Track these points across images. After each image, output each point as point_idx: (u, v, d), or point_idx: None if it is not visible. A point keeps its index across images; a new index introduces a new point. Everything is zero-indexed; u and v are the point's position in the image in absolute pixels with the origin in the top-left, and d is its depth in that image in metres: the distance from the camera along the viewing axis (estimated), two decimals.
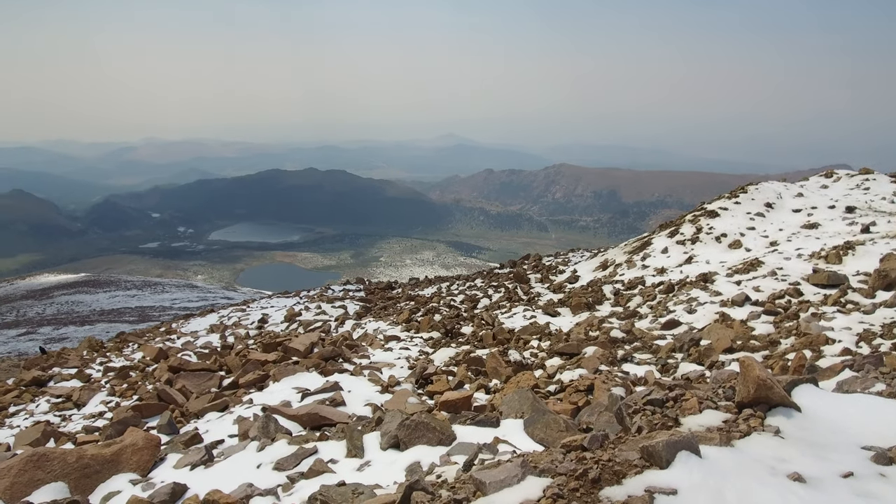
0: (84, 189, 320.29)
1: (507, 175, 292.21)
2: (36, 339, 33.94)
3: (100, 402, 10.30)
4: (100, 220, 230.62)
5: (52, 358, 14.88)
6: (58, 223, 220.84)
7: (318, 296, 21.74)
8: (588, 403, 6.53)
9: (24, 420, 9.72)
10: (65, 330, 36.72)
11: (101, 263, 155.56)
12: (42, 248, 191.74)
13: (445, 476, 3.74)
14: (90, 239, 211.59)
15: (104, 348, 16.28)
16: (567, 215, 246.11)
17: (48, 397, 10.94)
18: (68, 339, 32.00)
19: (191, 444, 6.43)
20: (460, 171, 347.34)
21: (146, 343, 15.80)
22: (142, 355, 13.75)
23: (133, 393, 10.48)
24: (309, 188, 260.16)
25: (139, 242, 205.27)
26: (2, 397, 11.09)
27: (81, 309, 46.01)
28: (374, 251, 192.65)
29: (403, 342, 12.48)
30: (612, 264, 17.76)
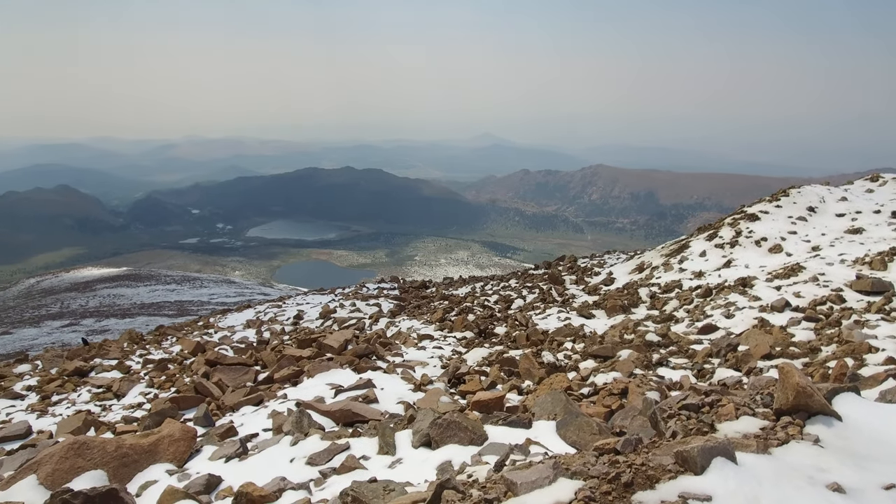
0: (127, 185, 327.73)
1: (543, 175, 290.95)
2: (79, 331, 34.81)
3: (139, 394, 10.50)
4: (142, 216, 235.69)
5: (93, 349, 15.20)
6: (101, 218, 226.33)
7: (352, 293, 21.89)
8: (622, 407, 6.46)
9: (66, 409, 9.96)
10: (106, 322, 37.58)
11: (143, 258, 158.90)
12: (86, 242, 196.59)
13: (476, 476, 3.74)
14: (132, 234, 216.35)
15: (144, 341, 16.59)
16: (603, 217, 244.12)
17: (89, 387, 11.19)
18: (109, 332, 32.75)
19: (226, 436, 6.52)
20: (496, 171, 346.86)
21: (184, 336, 16.06)
22: (180, 348, 13.98)
23: (171, 385, 10.66)
24: (345, 187, 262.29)
25: (179, 238, 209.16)
26: (45, 386, 11.37)
27: (123, 302, 47.04)
28: (409, 250, 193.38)
29: (437, 341, 12.50)
30: (649, 267, 17.55)
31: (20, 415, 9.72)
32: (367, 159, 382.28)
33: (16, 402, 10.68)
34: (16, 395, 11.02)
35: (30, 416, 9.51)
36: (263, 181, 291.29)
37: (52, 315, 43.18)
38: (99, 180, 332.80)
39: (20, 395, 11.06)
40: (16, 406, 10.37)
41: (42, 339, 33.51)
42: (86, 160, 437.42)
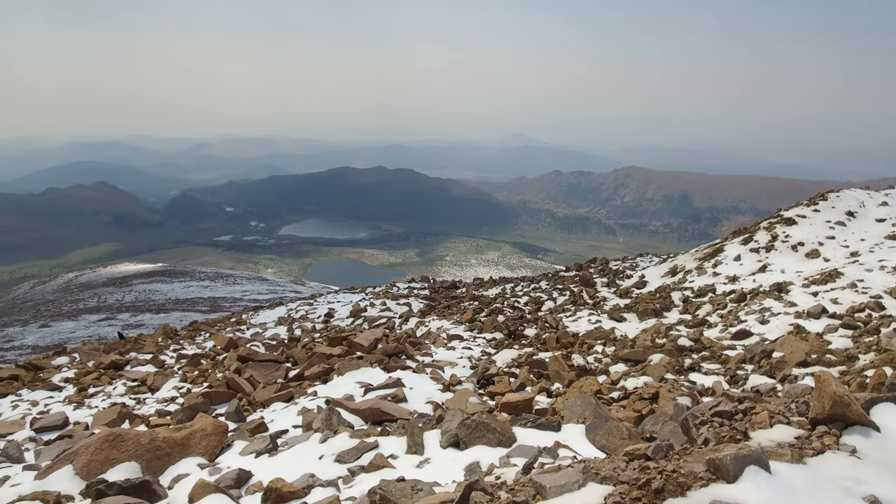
0: (163, 183, 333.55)
1: (575, 177, 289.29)
2: (115, 325, 35.52)
3: (172, 388, 10.67)
4: (177, 213, 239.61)
5: (129, 343, 15.50)
6: (138, 215, 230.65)
7: (383, 293, 21.99)
8: (652, 412, 6.39)
9: (101, 401, 10.16)
10: (142, 317, 38.28)
11: (177, 254, 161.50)
12: (123, 239, 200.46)
13: (505, 478, 3.73)
14: (167, 230, 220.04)
15: (178, 336, 16.85)
16: (636, 219, 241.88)
17: (125, 380, 11.40)
18: (144, 326, 33.36)
19: (256, 432, 6.59)
20: (527, 171, 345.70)
21: (217, 332, 16.27)
22: (213, 344, 14.18)
23: (203, 380, 10.82)
24: (377, 186, 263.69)
25: (213, 235, 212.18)
26: (82, 378, 11.61)
27: (158, 297, 47.85)
28: (440, 250, 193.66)
29: (466, 342, 12.49)
30: (682, 270, 17.34)
31: (58, 406, 9.95)
32: (398, 159, 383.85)
33: (54, 393, 10.93)
34: (54, 386, 11.28)
35: (67, 408, 9.72)
36: (296, 180, 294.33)
37: (90, 309, 44.12)
38: (136, 178, 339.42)
39: (58, 386, 11.32)
40: (54, 397, 10.62)
41: (80, 333, 34.27)
42: (124, 158, 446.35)
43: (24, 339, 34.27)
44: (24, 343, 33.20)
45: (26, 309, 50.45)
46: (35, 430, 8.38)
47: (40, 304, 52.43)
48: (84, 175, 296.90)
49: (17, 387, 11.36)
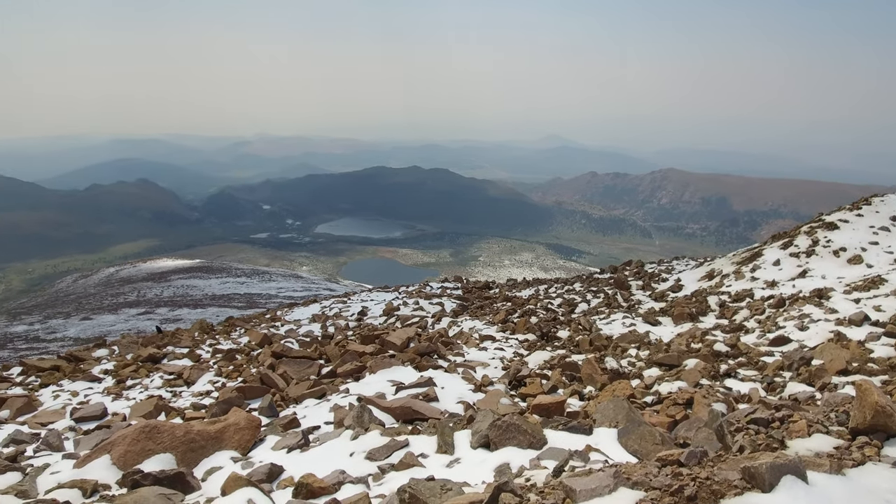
0: (202, 180, 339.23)
1: (611, 178, 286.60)
2: (153, 319, 36.20)
3: (207, 382, 10.83)
4: (215, 210, 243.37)
5: (166, 337, 15.76)
6: (177, 211, 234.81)
7: (416, 292, 22.04)
8: (686, 418, 6.30)
9: (139, 393, 10.36)
10: (179, 312, 38.94)
11: (215, 251, 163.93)
12: (162, 235, 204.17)
13: (535, 480, 3.71)
14: (206, 227, 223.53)
15: (214, 331, 17.08)
16: (672, 222, 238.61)
17: (162, 373, 11.61)
18: (182, 321, 33.94)
19: (289, 427, 6.66)
20: (563, 172, 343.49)
21: (252, 328, 16.46)
22: (248, 340, 14.35)
23: (238, 375, 10.96)
24: (412, 186, 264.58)
25: (250, 232, 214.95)
26: (121, 371, 11.85)
27: (195, 293, 48.63)
28: (474, 250, 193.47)
29: (498, 342, 12.46)
30: (719, 275, 17.06)
31: (97, 397, 10.17)
32: (434, 159, 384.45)
33: (93, 384, 11.17)
34: (93, 377, 11.52)
35: (105, 399, 9.93)
36: (332, 179, 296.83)
37: (129, 303, 45.04)
38: (176, 175, 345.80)
39: (97, 377, 11.56)
40: (93, 388, 10.85)
41: (119, 326, 35.01)
42: (165, 156, 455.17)
43: (67, 331, 35.14)
44: (67, 335, 34.05)
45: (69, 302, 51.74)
46: (75, 419, 8.58)
47: (82, 297, 53.73)
48: (126, 172, 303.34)
49: (59, 377, 11.64)
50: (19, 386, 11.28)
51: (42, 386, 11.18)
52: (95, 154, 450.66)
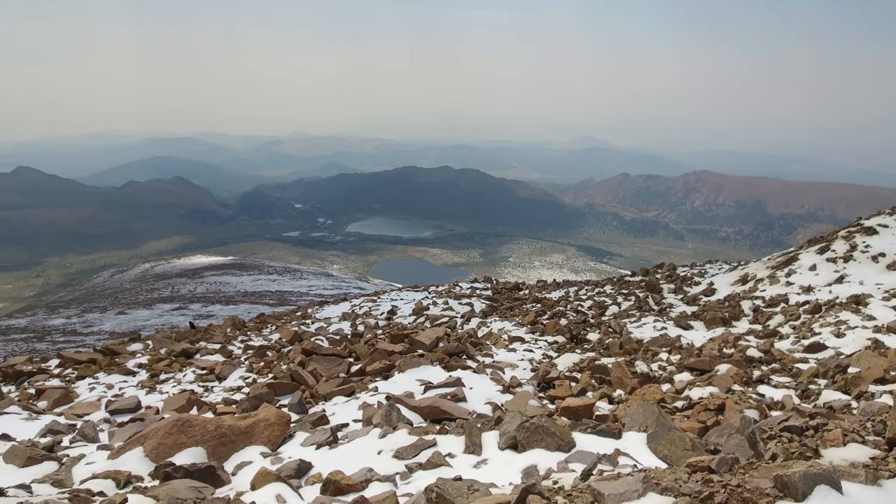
0: (236, 178, 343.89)
1: (643, 180, 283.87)
2: (187, 314, 36.78)
3: (238, 377, 10.97)
4: (248, 208, 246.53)
5: (199, 333, 15.99)
6: (211, 209, 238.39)
7: (445, 292, 22.06)
8: (717, 424, 6.22)
9: (172, 387, 10.53)
10: (212, 308, 39.50)
11: (247, 248, 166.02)
12: (196, 232, 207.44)
13: (562, 483, 3.69)
14: (239, 225, 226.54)
15: (245, 327, 17.28)
16: (706, 225, 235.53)
17: (194, 368, 11.78)
18: (214, 317, 34.42)
19: (318, 424, 6.71)
20: (595, 174, 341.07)
21: (283, 325, 16.62)
22: (278, 337, 14.49)
23: (269, 371, 11.08)
24: (443, 185, 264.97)
25: (282, 230, 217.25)
26: (155, 365, 12.06)
27: (227, 289, 49.28)
28: (504, 251, 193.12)
29: (527, 344, 12.42)
30: (753, 279, 16.79)
31: (131, 390, 10.36)
32: (465, 159, 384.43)
33: (128, 377, 11.39)
34: (128, 371, 11.75)
35: (139, 392, 10.11)
36: (364, 178, 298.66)
37: (164, 298, 45.81)
38: (211, 173, 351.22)
39: (132, 371, 11.79)
40: (128, 381, 11.07)
41: (153, 321, 35.63)
42: (199, 154, 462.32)
43: (103, 325, 35.87)
44: (102, 329, 34.76)
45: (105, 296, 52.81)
46: (109, 411, 8.76)
47: (118, 292, 54.78)
48: (162, 170, 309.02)
49: (95, 370, 11.88)
50: (57, 378, 11.54)
51: (79, 378, 11.42)
52: (132, 152, 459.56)
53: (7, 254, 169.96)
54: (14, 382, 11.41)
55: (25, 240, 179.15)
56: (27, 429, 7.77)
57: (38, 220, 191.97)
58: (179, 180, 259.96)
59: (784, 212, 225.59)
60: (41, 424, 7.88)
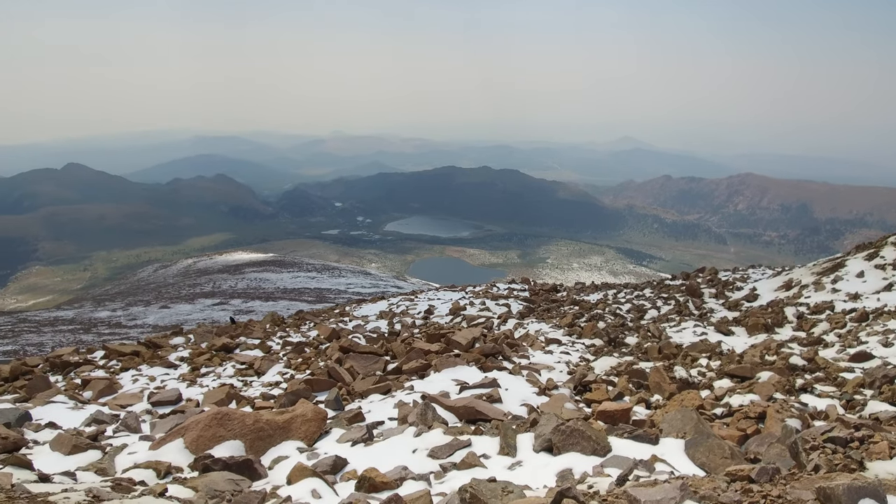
0: (278, 177, 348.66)
1: (685, 182, 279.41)
2: (227, 310, 37.40)
3: (277, 373, 11.11)
4: (289, 206, 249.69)
5: (239, 328, 16.23)
6: (253, 207, 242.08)
7: (483, 292, 22.02)
8: (758, 432, 6.09)
9: (212, 381, 10.72)
10: (252, 303, 40.11)
11: (287, 246, 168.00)
12: (237, 229, 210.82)
13: (597, 487, 3.66)
14: (279, 223, 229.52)
15: (284, 324, 17.49)
16: (749, 228, 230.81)
17: (234, 363, 11.97)
18: (254, 312, 34.94)
19: (353, 421, 6.77)
20: (635, 175, 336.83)
21: (321, 323, 16.78)
22: (316, 333, 14.64)
23: (306, 367, 11.20)
24: (482, 186, 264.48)
25: (322, 228, 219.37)
26: (196, 358, 12.29)
27: (267, 286, 49.98)
28: (542, 252, 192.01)
29: (564, 346, 12.34)
30: (798, 285, 16.41)
31: (173, 382, 10.58)
32: (504, 159, 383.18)
33: (170, 370, 11.63)
34: (170, 364, 11.99)
35: (181, 385, 10.32)
36: (403, 178, 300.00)
37: (205, 294, 46.67)
38: (253, 171, 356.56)
39: (174, 364, 12.02)
40: (169, 374, 11.30)
41: (195, 315, 36.31)
42: (243, 152, 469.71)
43: (146, 319, 36.69)
44: (146, 322, 35.55)
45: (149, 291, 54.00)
46: (151, 403, 8.95)
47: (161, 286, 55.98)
48: (206, 167, 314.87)
49: (138, 362, 12.16)
50: (102, 369, 11.84)
51: (122, 370, 11.70)
52: (178, 150, 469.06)
53: (57, 247, 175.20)
54: (61, 372, 11.75)
55: (75, 234, 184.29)
56: (73, 418, 7.99)
57: (86, 216, 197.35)
58: (223, 178, 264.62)
59: (831, 216, 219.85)
60: (86, 414, 8.10)
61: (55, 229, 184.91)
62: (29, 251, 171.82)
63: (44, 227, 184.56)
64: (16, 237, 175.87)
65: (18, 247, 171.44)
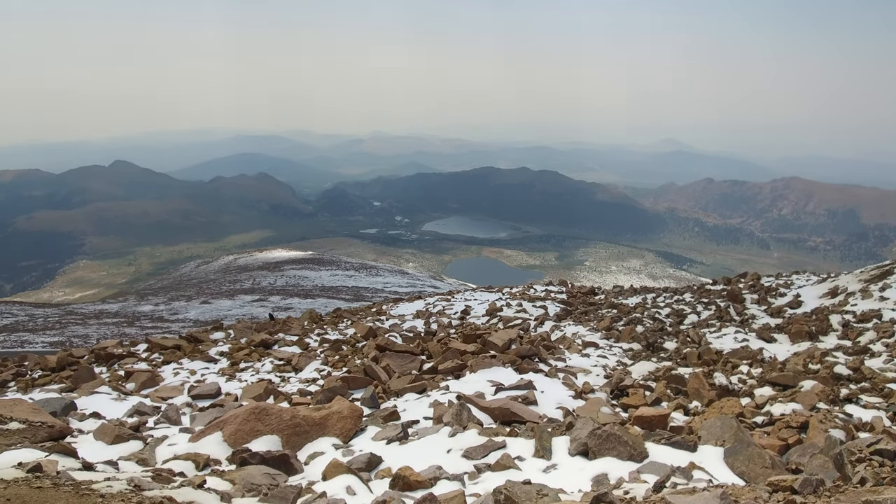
0: (317, 176, 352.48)
1: (728, 186, 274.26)
2: (266, 306, 37.90)
3: (314, 370, 11.21)
4: (328, 205, 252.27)
5: (278, 324, 16.42)
6: (293, 205, 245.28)
7: (520, 293, 21.93)
8: (799, 442, 5.95)
9: (250, 376, 10.87)
10: (290, 300, 40.56)
11: (326, 244, 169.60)
12: (277, 226, 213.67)
13: (634, 493, 3.61)
14: (319, 221, 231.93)
15: (322, 321, 17.63)
16: (793, 233, 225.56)
17: (272, 359, 12.12)
18: (292, 309, 35.33)
19: (389, 420, 6.80)
20: (677, 178, 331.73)
21: (358, 321, 16.88)
22: (353, 331, 14.72)
23: (343, 365, 11.27)
24: (520, 187, 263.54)
25: (360, 227, 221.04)
26: (235, 353, 12.47)
27: (306, 283, 50.51)
28: (580, 254, 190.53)
29: (601, 350, 12.22)
30: (844, 292, 15.99)
31: (212, 376, 10.76)
32: (543, 161, 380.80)
33: (210, 364, 11.83)
34: (210, 358, 12.20)
35: (220, 379, 10.49)
36: (441, 178, 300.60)
37: (245, 290, 47.38)
38: (293, 170, 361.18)
39: (214, 358, 12.23)
40: (209, 368, 11.50)
41: (235, 311, 36.88)
42: (284, 151, 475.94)
43: (188, 313, 37.38)
44: (187, 316, 36.21)
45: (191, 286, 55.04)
46: (191, 396, 9.12)
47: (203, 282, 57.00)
48: (247, 166, 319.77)
49: (179, 356, 12.39)
50: (144, 361, 12.11)
51: (164, 363, 11.95)
52: (221, 148, 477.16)
53: (104, 242, 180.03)
54: (105, 364, 12.05)
55: (120, 229, 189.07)
56: (116, 408, 8.19)
57: (131, 212, 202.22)
58: (263, 176, 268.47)
59: (880, 222, 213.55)
60: (129, 405, 8.29)
61: (102, 225, 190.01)
62: (76, 246, 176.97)
63: (91, 223, 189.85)
64: (64, 232, 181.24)
65: (67, 241, 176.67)
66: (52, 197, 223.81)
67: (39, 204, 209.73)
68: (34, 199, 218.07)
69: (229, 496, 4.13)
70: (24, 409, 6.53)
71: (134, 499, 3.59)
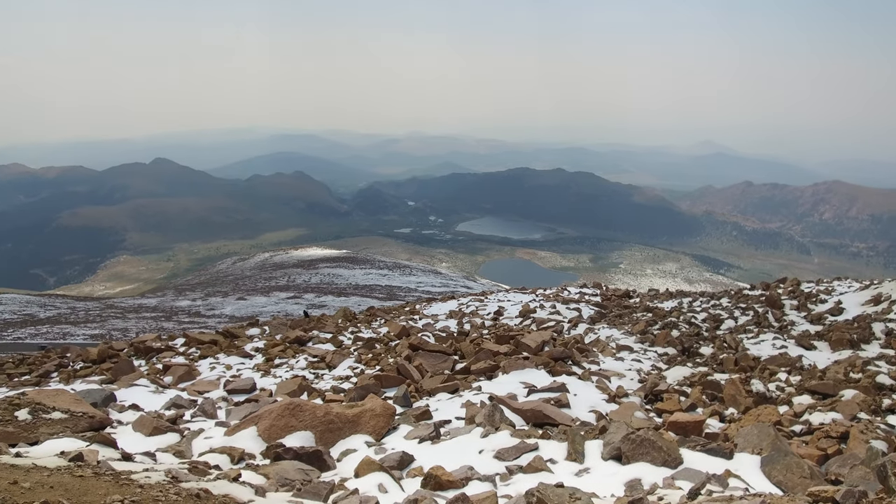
0: (353, 175, 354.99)
1: (768, 189, 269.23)
2: (301, 304, 38.31)
3: (347, 367, 11.29)
4: (363, 204, 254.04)
5: (312, 322, 16.57)
6: (329, 204, 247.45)
7: (553, 295, 21.82)
8: (839, 452, 5.83)
9: (285, 372, 11.00)
10: (324, 298, 40.94)
11: (360, 243, 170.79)
12: (312, 225, 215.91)
13: (668, 499, 3.58)
14: (353, 220, 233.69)
15: (356, 319, 17.74)
16: (835, 238, 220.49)
17: (306, 356, 12.23)
18: (326, 307, 35.65)
19: (421, 419, 6.82)
20: (715, 181, 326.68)
21: (392, 320, 16.95)
22: (387, 330, 14.80)
23: (376, 363, 11.33)
24: (555, 188, 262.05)
25: (394, 227, 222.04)
26: (270, 350, 12.62)
27: (340, 282, 50.91)
28: (614, 257, 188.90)
29: (636, 354, 12.10)
30: (888, 300, 15.59)
31: (248, 372, 10.91)
32: (579, 162, 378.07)
33: (245, 360, 11.99)
34: (246, 354, 12.36)
35: (255, 375, 10.63)
36: (476, 178, 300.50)
37: (280, 287, 47.95)
38: (329, 169, 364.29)
39: (249, 354, 12.39)
40: (245, 364, 11.65)
41: (270, 308, 37.34)
42: (320, 150, 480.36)
43: (224, 309, 37.95)
44: (224, 312, 36.78)
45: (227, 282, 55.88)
46: (227, 391, 9.27)
47: (239, 279, 57.81)
48: (284, 164, 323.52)
49: (216, 351, 12.58)
50: (182, 355, 12.32)
51: (201, 357, 12.14)
52: (258, 147, 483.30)
53: (144, 238, 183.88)
54: (144, 357, 12.29)
55: (160, 226, 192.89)
56: (154, 401, 8.36)
57: (171, 209, 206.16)
58: (300, 175, 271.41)
59: None
60: (166, 398, 8.45)
61: (142, 221, 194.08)
62: (117, 241, 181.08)
63: (132, 219, 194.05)
64: (106, 227, 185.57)
65: (108, 237, 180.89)
66: (95, 193, 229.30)
67: (82, 200, 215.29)
68: (77, 195, 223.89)
69: (263, 490, 4.19)
70: (67, 399, 6.70)
71: (171, 490, 3.66)
